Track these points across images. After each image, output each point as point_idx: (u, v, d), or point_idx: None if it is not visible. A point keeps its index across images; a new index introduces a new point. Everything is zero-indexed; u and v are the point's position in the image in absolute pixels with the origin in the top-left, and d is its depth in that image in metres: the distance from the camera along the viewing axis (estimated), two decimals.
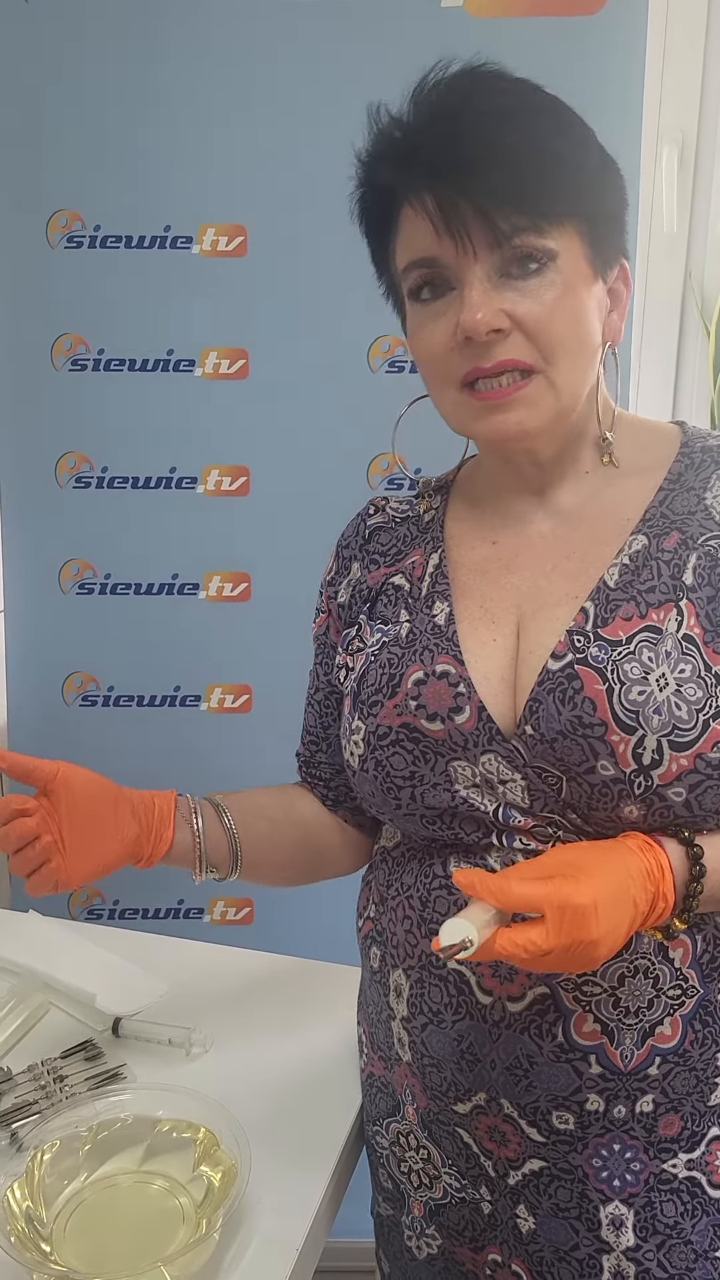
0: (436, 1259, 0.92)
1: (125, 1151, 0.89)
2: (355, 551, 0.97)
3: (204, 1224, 0.81)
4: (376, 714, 0.84)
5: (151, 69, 1.44)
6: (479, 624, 0.85)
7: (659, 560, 0.80)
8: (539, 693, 0.78)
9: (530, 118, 0.78)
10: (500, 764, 0.79)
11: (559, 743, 0.76)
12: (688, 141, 1.59)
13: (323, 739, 1.02)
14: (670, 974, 0.79)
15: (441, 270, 0.79)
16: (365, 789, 0.86)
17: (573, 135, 0.79)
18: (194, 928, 1.74)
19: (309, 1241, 0.86)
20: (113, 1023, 1.10)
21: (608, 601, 0.79)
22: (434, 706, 0.82)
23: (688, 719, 0.73)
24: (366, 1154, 1.00)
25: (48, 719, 1.67)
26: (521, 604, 0.84)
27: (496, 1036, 0.81)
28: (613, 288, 0.83)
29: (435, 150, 0.77)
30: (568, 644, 0.78)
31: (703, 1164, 0.82)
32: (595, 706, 0.75)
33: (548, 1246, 0.84)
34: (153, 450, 1.58)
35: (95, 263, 1.51)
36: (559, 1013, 0.79)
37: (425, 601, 0.88)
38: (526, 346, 0.78)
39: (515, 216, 0.75)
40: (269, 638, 1.60)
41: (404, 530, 0.96)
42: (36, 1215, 0.83)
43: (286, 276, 1.50)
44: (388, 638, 0.88)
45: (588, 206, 0.79)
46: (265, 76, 1.44)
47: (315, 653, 1.02)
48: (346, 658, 0.92)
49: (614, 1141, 0.81)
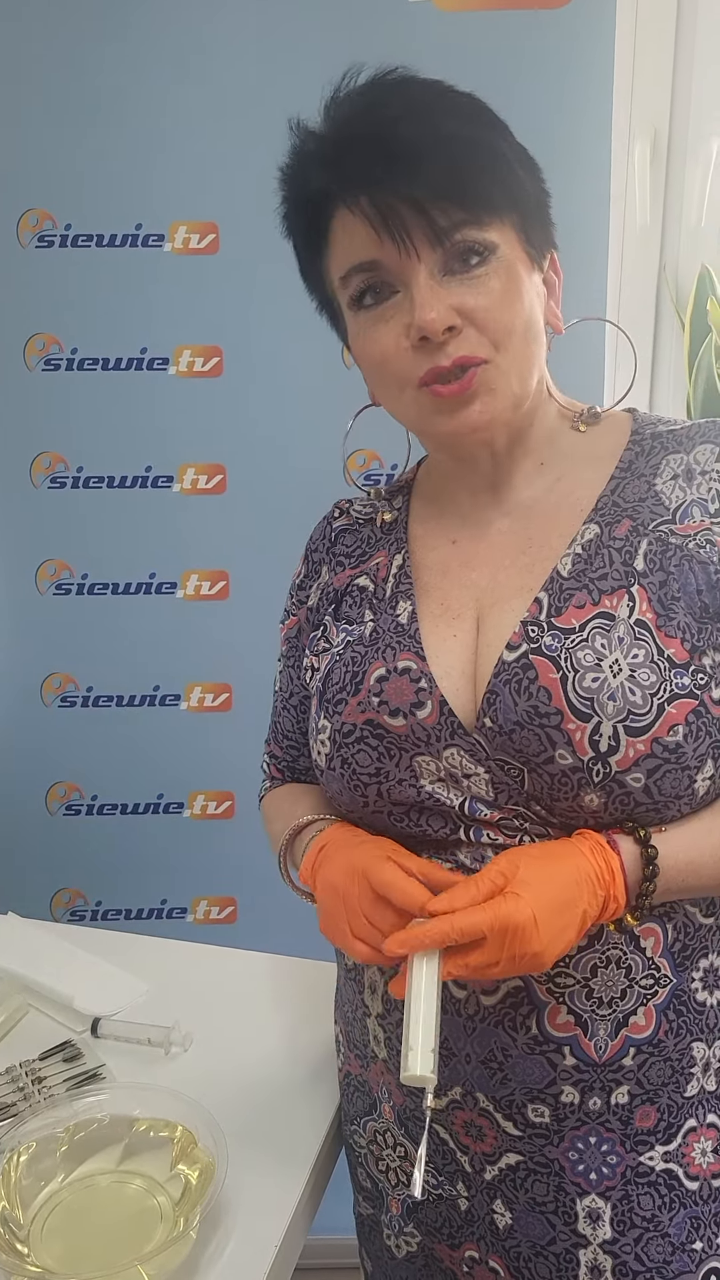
0: (416, 1257, 0.92)
1: (103, 1152, 0.89)
2: (323, 555, 0.98)
3: (181, 1222, 0.81)
4: (341, 711, 0.84)
5: (121, 67, 1.43)
6: (439, 621, 0.85)
7: (610, 548, 0.80)
8: (495, 684, 0.78)
9: (451, 112, 0.78)
10: (463, 758, 0.79)
11: (517, 733, 0.76)
12: (659, 134, 1.59)
13: (301, 744, 1.02)
14: (642, 964, 0.79)
15: (383, 273, 0.78)
16: (334, 787, 0.86)
17: (494, 128, 0.79)
18: (177, 927, 1.74)
19: (287, 1239, 0.86)
20: (91, 1023, 1.10)
21: (561, 591, 0.80)
22: (396, 702, 0.82)
23: (642, 704, 0.74)
24: (345, 1153, 1.00)
25: (27, 720, 1.67)
26: (480, 599, 0.84)
27: (471, 1030, 0.81)
28: (546, 277, 0.84)
29: (364, 151, 0.76)
30: (522, 634, 0.79)
31: (679, 1156, 0.82)
32: (550, 695, 0.75)
33: (524, 1241, 0.84)
34: (128, 449, 1.57)
35: (67, 262, 1.50)
36: (532, 1005, 0.79)
37: (390, 602, 0.88)
38: (479, 340, 0.77)
39: (453, 211, 0.75)
40: (248, 636, 1.60)
41: (367, 532, 0.96)
42: (13, 1217, 0.83)
43: (259, 273, 1.50)
44: (352, 637, 0.88)
45: (519, 198, 0.79)
46: (235, 73, 1.43)
47: (285, 655, 1.02)
48: (313, 659, 0.92)
49: (590, 1134, 0.81)
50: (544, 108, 1.38)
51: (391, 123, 0.76)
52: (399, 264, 0.77)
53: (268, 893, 1.72)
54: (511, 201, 0.78)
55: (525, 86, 1.39)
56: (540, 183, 0.83)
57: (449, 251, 0.77)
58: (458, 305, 0.76)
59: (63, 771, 1.70)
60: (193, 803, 1.71)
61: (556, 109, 1.42)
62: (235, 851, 1.71)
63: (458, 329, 0.77)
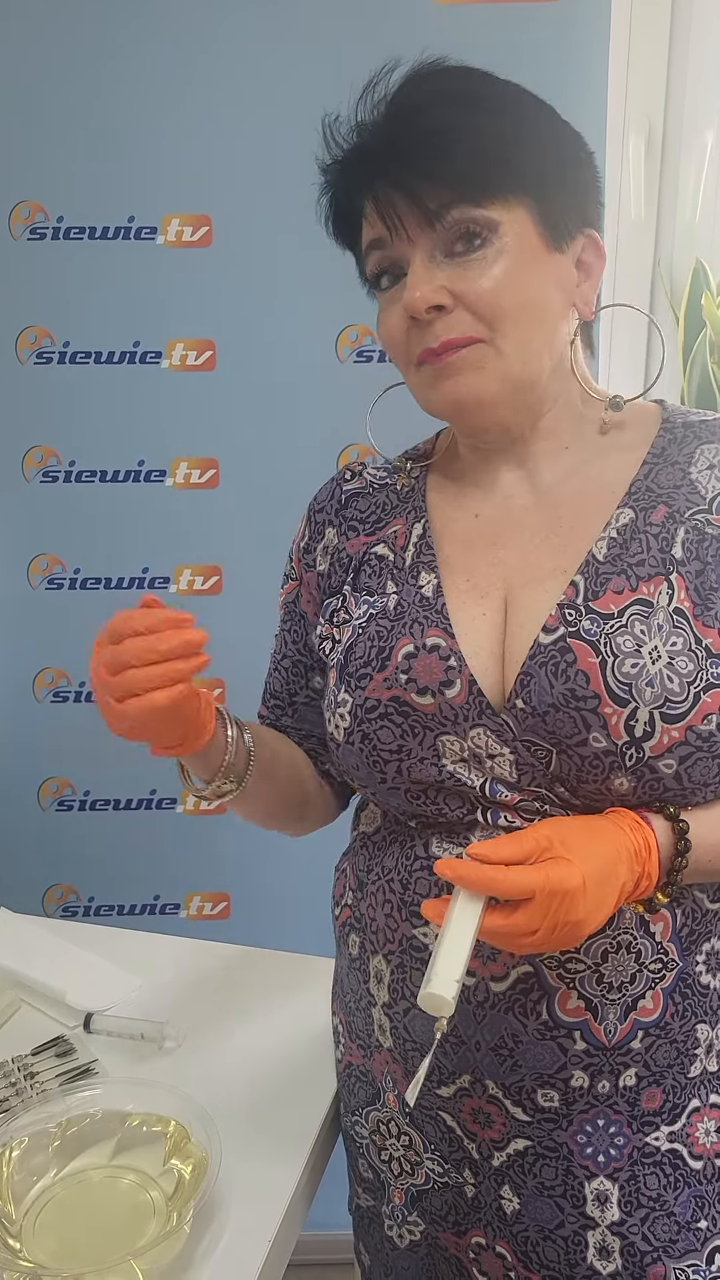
0: (419, 1245, 0.92)
1: (95, 1147, 0.89)
2: (330, 516, 0.97)
3: (175, 1217, 0.81)
4: (365, 686, 0.84)
5: (113, 58, 1.43)
6: (467, 598, 0.85)
7: (647, 534, 0.81)
8: (531, 666, 0.78)
9: (461, 96, 0.79)
10: (489, 738, 0.80)
11: (551, 715, 0.76)
12: (654, 129, 1.59)
13: (288, 704, 1.02)
14: (652, 948, 0.79)
15: (391, 254, 0.81)
16: (350, 762, 0.86)
17: (513, 110, 0.80)
18: (170, 923, 1.73)
19: (281, 1233, 0.85)
20: (84, 1019, 1.09)
21: (597, 575, 0.80)
22: (425, 680, 0.81)
23: (679, 691, 0.74)
24: (344, 1145, 1.00)
25: (19, 715, 1.66)
26: (509, 578, 0.84)
27: (481, 1017, 0.81)
28: (582, 259, 0.83)
29: (369, 143, 0.81)
30: (559, 618, 0.79)
31: (683, 1136, 0.82)
32: (589, 679, 0.75)
33: (532, 1226, 0.84)
34: (120, 443, 1.57)
35: (59, 254, 1.49)
36: (542, 991, 0.79)
37: (411, 572, 0.88)
38: (471, 321, 0.79)
39: (442, 193, 0.77)
40: (241, 631, 1.58)
41: (382, 498, 0.95)
42: (5, 1212, 0.82)
43: (252, 266, 1.49)
44: (375, 610, 0.87)
45: (534, 184, 0.79)
46: (228, 66, 1.43)
47: (282, 619, 1.02)
48: (331, 630, 0.92)
49: (598, 1117, 0.81)
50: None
51: (394, 110, 0.80)
52: (397, 247, 0.80)
53: (261, 889, 1.73)
54: (520, 183, 0.78)
55: (520, 80, 1.39)
56: (582, 165, 0.84)
57: (449, 232, 0.78)
58: (450, 286, 0.78)
59: (55, 767, 1.70)
60: (186, 799, 1.70)
61: (551, 103, 1.41)
62: (229, 848, 1.71)
63: (447, 309, 0.78)
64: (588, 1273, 0.82)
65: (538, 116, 0.82)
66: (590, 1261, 0.82)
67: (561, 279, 0.82)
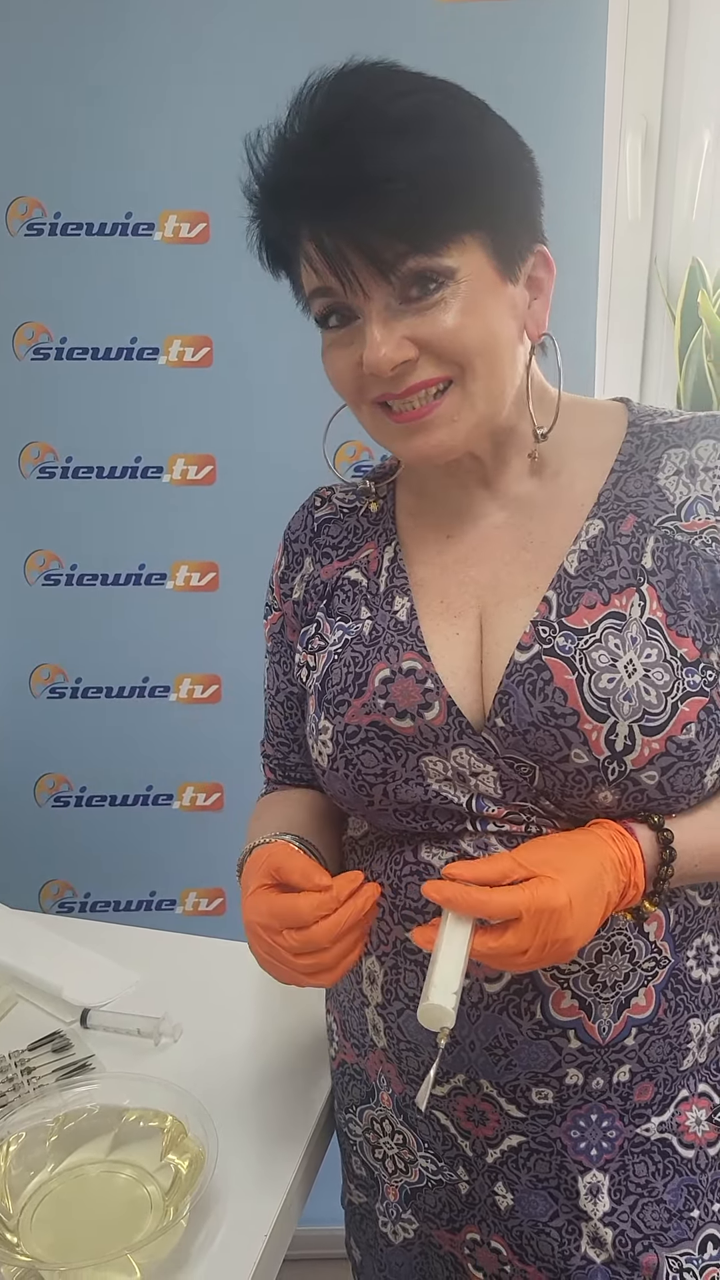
0: (413, 1243, 0.93)
1: (92, 1141, 0.89)
2: (305, 545, 0.96)
3: (171, 1211, 0.81)
4: (343, 713, 0.84)
5: (111, 54, 1.42)
6: (440, 619, 0.84)
7: (617, 545, 0.80)
8: (508, 685, 0.78)
9: (405, 125, 0.71)
10: (471, 757, 0.80)
11: (531, 734, 0.77)
12: (651, 128, 1.59)
13: (292, 741, 1.00)
14: (646, 947, 0.80)
15: (341, 301, 0.76)
16: (336, 787, 0.86)
17: (471, 140, 0.74)
18: (166, 919, 1.74)
19: (277, 1228, 0.86)
20: (81, 1014, 1.10)
21: (569, 590, 0.79)
22: (403, 704, 0.81)
23: (657, 703, 0.74)
24: (338, 1142, 1.00)
25: (15, 711, 1.66)
26: (482, 596, 0.84)
27: (475, 1018, 0.81)
28: (533, 276, 0.79)
29: (309, 184, 0.73)
30: (533, 635, 0.78)
31: (673, 1125, 0.83)
32: (566, 696, 0.75)
33: (526, 1220, 0.84)
34: (117, 440, 1.57)
35: (56, 250, 1.49)
36: (536, 991, 0.79)
37: (385, 597, 0.87)
38: (436, 365, 0.75)
39: (396, 245, 0.71)
40: (237, 627, 1.59)
41: (353, 522, 0.94)
42: (2, 1206, 0.83)
43: (250, 263, 1.48)
44: (350, 635, 0.87)
45: (486, 212, 0.74)
46: (226, 62, 1.42)
47: (270, 651, 1.00)
48: (307, 656, 0.91)
49: (591, 1112, 0.82)
50: (535, 100, 1.38)
51: (341, 147, 0.71)
52: (350, 299, 0.75)
53: None
54: (474, 219, 0.73)
55: (517, 78, 1.39)
56: (525, 175, 0.78)
57: (404, 280, 0.73)
58: (412, 336, 0.74)
59: (51, 763, 1.70)
60: (182, 794, 1.71)
61: (548, 101, 1.41)
62: (224, 843, 1.70)
63: (412, 361, 0.75)
64: (581, 1263, 0.83)
65: (483, 131, 0.75)
66: (584, 1251, 0.83)
67: (516, 307, 0.78)
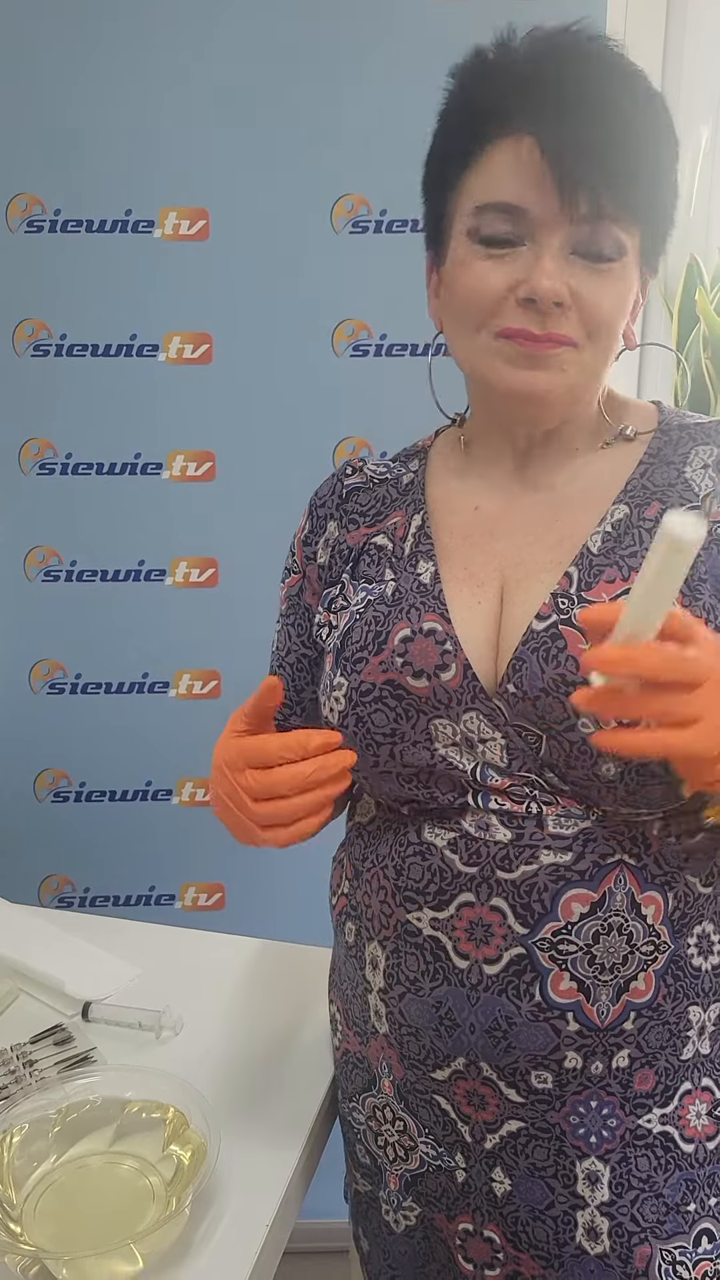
0: (415, 1230, 0.93)
1: (95, 1133, 0.90)
2: (331, 510, 0.98)
3: (174, 1202, 0.82)
4: (360, 670, 0.85)
5: (111, 50, 1.43)
6: (463, 585, 0.86)
7: (640, 528, 0.83)
8: (523, 652, 0.80)
9: (643, 110, 0.78)
10: (481, 722, 0.81)
11: (541, 700, 0.78)
12: None
13: (296, 703, 1.02)
14: (643, 930, 0.80)
15: (519, 225, 0.78)
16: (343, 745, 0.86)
17: (667, 141, 0.80)
18: (165, 914, 1.74)
19: (279, 1218, 0.87)
20: (82, 1007, 1.10)
21: (591, 566, 0.82)
22: (420, 664, 0.83)
23: None
24: (342, 1131, 1.01)
25: (15, 707, 1.67)
26: (505, 569, 0.86)
27: (475, 1000, 0.82)
28: (636, 296, 0.85)
29: (565, 95, 0.75)
30: (552, 606, 0.81)
31: (675, 1119, 0.84)
32: (578, 664, 0.77)
33: (523, 1206, 0.85)
34: (117, 436, 1.57)
35: (56, 247, 1.49)
36: (536, 972, 0.80)
37: (409, 561, 0.89)
38: (578, 325, 0.79)
39: (603, 200, 0.76)
40: (237, 623, 1.60)
41: (383, 492, 0.96)
42: (6, 1197, 0.83)
43: (249, 260, 1.50)
44: (373, 595, 0.89)
45: (655, 217, 0.80)
46: (226, 60, 1.43)
47: (285, 614, 1.02)
48: (329, 616, 0.93)
49: (591, 1098, 0.82)
50: None
51: (580, 99, 0.75)
52: (546, 220, 0.77)
53: (256, 880, 1.73)
54: (649, 215, 0.80)
55: None
56: (674, 211, 0.83)
57: (590, 233, 0.77)
58: (575, 288, 0.78)
59: (51, 758, 1.70)
60: (181, 790, 1.71)
61: None
62: (224, 839, 1.69)
63: (565, 307, 0.78)
64: (575, 1252, 0.83)
65: (673, 149, 0.81)
66: (579, 1240, 0.83)
67: (633, 311, 0.84)
